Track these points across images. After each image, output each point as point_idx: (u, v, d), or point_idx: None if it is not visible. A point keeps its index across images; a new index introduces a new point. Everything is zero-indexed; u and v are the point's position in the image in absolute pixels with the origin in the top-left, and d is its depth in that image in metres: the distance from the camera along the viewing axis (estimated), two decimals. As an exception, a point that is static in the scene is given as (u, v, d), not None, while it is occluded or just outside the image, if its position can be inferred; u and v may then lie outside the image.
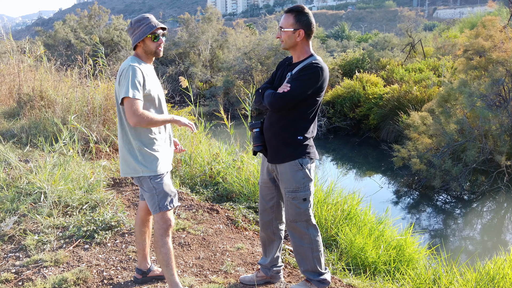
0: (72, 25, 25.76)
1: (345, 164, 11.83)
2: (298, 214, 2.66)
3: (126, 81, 2.43)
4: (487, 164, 8.18)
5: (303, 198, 2.63)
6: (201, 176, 5.00)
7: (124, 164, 2.60)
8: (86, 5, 49.85)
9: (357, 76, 14.47)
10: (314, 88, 2.54)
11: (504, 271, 3.01)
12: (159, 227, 2.59)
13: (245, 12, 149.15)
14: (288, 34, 2.58)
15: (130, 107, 2.40)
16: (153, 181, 2.56)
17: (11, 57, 7.80)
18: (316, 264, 2.74)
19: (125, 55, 21.06)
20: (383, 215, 4.30)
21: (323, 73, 2.55)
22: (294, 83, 2.53)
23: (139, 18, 2.59)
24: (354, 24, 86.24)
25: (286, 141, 2.62)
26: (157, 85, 2.66)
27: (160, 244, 2.59)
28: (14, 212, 3.78)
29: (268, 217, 2.87)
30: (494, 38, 8.38)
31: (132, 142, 2.55)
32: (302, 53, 2.64)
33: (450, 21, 28.88)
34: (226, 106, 16.94)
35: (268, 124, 2.69)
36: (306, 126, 2.63)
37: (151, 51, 2.58)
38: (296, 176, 2.61)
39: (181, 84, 4.92)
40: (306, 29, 2.57)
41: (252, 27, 27.67)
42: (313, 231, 2.71)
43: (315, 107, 2.63)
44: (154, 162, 2.56)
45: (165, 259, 2.61)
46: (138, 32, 2.54)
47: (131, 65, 2.47)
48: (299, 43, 2.60)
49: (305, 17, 2.57)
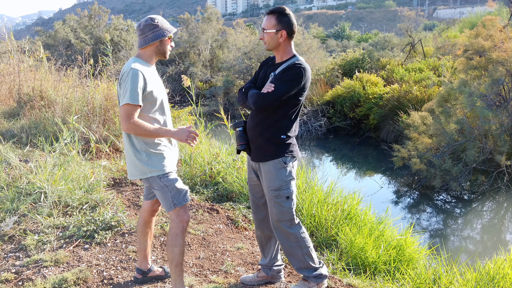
0: (72, 25, 25.77)
1: (345, 164, 11.83)
2: (281, 213, 2.67)
3: (126, 86, 2.43)
4: (487, 164, 8.18)
5: (286, 196, 2.66)
6: (201, 176, 5.00)
7: (132, 167, 2.59)
8: (86, 5, 49.84)
9: (357, 76, 14.46)
10: (297, 88, 2.58)
11: (504, 271, 3.01)
12: (175, 225, 2.58)
13: (245, 12, 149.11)
14: (271, 35, 2.62)
15: (125, 113, 2.42)
16: (163, 179, 2.55)
17: (12, 56, 7.80)
18: (308, 261, 2.76)
19: (125, 55, 21.04)
20: (383, 215, 4.30)
21: (305, 74, 2.59)
22: (277, 83, 2.57)
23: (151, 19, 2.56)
24: (354, 24, 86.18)
25: (270, 140, 2.65)
26: (160, 86, 2.65)
27: (174, 244, 2.58)
28: (14, 212, 3.78)
29: (262, 214, 2.88)
30: (494, 38, 8.37)
31: (136, 145, 2.55)
32: (285, 54, 2.68)
33: (450, 21, 28.85)
34: (226, 106, 16.94)
35: (252, 123, 2.72)
36: (289, 125, 2.67)
37: (165, 52, 2.60)
38: (280, 174, 2.64)
39: (184, 83, 4.92)
40: (288, 29, 2.61)
41: (252, 27, 27.65)
42: (297, 229, 2.72)
43: (297, 107, 2.68)
44: (161, 161, 2.56)
45: (177, 259, 2.59)
46: (155, 33, 2.53)
47: (132, 69, 2.46)
48: (282, 43, 2.64)
49: (287, 18, 2.61)
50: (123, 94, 2.45)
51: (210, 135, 6.21)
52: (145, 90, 2.48)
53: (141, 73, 2.46)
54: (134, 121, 2.42)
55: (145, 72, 2.51)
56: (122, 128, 2.47)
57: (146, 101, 2.51)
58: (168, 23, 2.62)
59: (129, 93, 2.41)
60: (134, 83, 2.42)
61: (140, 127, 2.44)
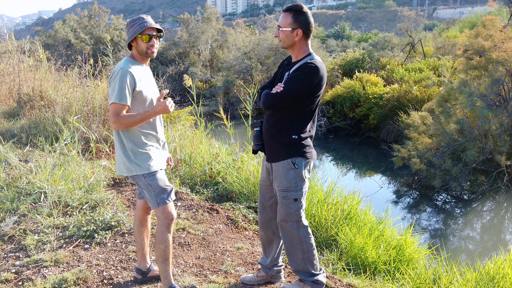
0: (72, 25, 25.79)
1: (345, 164, 11.83)
2: (288, 214, 2.65)
3: (114, 86, 2.47)
4: (487, 164, 8.18)
5: (294, 198, 2.62)
6: (201, 176, 5.00)
7: (120, 163, 2.64)
8: (86, 5, 49.83)
9: (357, 76, 14.46)
10: (309, 88, 2.52)
11: (504, 271, 3.01)
12: (161, 222, 2.62)
13: (245, 12, 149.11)
14: (286, 34, 2.56)
15: (113, 111, 2.47)
16: (147, 178, 2.59)
17: (12, 56, 7.80)
18: (307, 265, 2.71)
19: (125, 55, 21.05)
20: (383, 215, 4.30)
21: (318, 73, 2.51)
22: (287, 83, 2.53)
23: (134, 18, 2.61)
24: (354, 24, 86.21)
25: (281, 140, 2.62)
26: (151, 87, 2.66)
27: (160, 240, 2.62)
28: (14, 212, 3.78)
29: (268, 216, 2.86)
30: (494, 38, 8.37)
31: (124, 143, 2.59)
32: (300, 53, 2.62)
33: (450, 21, 28.86)
34: (226, 106, 16.94)
35: (266, 123, 2.70)
36: (302, 125, 2.61)
37: (142, 51, 2.58)
38: (288, 175, 2.60)
39: (185, 83, 4.92)
40: (304, 28, 2.55)
41: (252, 27, 27.65)
42: (303, 233, 2.68)
43: (312, 106, 2.61)
44: (147, 160, 2.59)
45: (163, 256, 2.63)
46: (131, 31, 2.56)
47: (121, 69, 2.49)
48: (297, 42, 2.57)
49: (303, 16, 2.54)
50: (111, 93, 2.49)
51: (210, 135, 6.21)
52: (134, 90, 2.51)
53: (130, 73, 2.48)
54: (120, 117, 2.46)
55: (136, 72, 2.53)
56: (111, 127, 2.52)
57: (135, 100, 2.54)
58: (148, 21, 2.56)
59: (117, 92, 2.45)
60: (122, 82, 2.45)
61: (127, 120, 2.48)
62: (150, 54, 2.60)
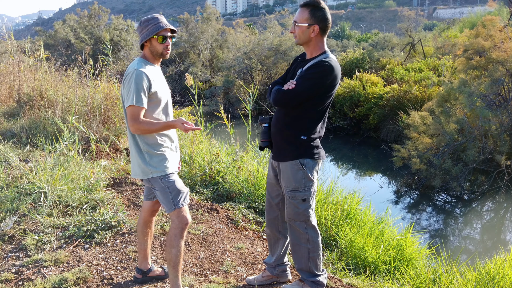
0: (72, 25, 25.80)
1: (345, 164, 11.83)
2: (296, 214, 2.62)
3: (130, 88, 2.42)
4: (487, 164, 8.18)
5: (302, 199, 2.59)
6: (201, 176, 5.00)
7: (135, 166, 2.60)
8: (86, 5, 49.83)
9: (357, 76, 14.46)
10: (321, 87, 2.46)
11: (504, 271, 3.01)
12: (175, 226, 2.57)
13: (245, 12, 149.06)
14: (302, 29, 2.48)
15: (131, 115, 2.43)
16: (164, 180, 2.55)
17: (12, 56, 7.80)
18: (311, 265, 2.70)
19: (125, 55, 21.05)
20: (383, 215, 4.30)
21: (332, 72, 2.44)
22: (300, 80, 2.47)
23: (148, 17, 2.56)
24: (354, 24, 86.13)
25: (289, 140, 2.57)
26: (164, 87, 2.64)
27: (173, 244, 2.57)
28: (14, 212, 3.78)
29: (274, 214, 2.83)
30: (494, 38, 8.38)
31: (140, 145, 2.56)
32: (315, 50, 2.54)
33: (450, 21, 28.87)
34: (226, 106, 16.93)
35: (275, 120, 2.64)
36: (312, 125, 2.56)
37: (157, 52, 2.54)
38: (296, 176, 2.57)
39: (187, 82, 4.91)
40: (321, 24, 2.48)
41: (252, 27, 27.65)
42: (312, 232, 2.66)
43: (323, 107, 2.55)
44: (163, 162, 2.56)
45: (174, 260, 2.59)
46: (145, 32, 2.51)
47: (136, 70, 2.45)
48: (313, 39, 2.50)
49: (321, 12, 2.47)
50: (127, 96, 2.44)
51: (210, 135, 6.21)
52: (150, 90, 2.47)
53: (145, 74, 2.45)
54: (141, 122, 2.43)
55: (150, 72, 2.50)
56: (130, 130, 2.48)
57: (150, 101, 2.50)
58: (163, 21, 2.54)
59: (134, 94, 2.41)
60: (138, 84, 2.41)
61: (147, 126, 2.45)
62: (165, 55, 2.57)
